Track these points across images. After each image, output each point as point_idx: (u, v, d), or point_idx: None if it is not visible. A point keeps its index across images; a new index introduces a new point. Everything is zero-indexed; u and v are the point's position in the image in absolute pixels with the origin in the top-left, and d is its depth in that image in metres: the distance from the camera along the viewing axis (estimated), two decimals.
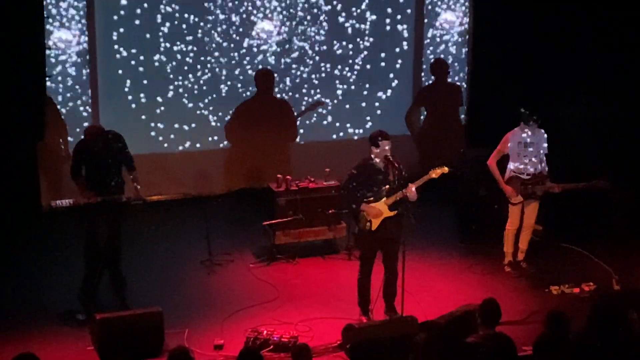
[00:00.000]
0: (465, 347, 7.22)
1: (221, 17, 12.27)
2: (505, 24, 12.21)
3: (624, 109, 12.11)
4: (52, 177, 11.82)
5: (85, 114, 11.93)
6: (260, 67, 12.49)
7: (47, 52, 11.22)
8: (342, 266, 10.55)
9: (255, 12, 12.38)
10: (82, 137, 9.42)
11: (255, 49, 12.46)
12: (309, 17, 12.58)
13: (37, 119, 11.24)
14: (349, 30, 12.75)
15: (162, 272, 10.34)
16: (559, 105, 12.36)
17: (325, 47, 12.71)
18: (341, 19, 12.69)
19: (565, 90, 12.42)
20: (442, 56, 13.14)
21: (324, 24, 12.64)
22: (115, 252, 9.62)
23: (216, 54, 12.33)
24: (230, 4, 12.25)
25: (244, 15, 12.35)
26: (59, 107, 11.79)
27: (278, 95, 12.66)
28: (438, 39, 13.15)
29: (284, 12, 12.47)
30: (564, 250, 10.96)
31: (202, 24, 12.21)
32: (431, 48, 13.16)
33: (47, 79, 11.31)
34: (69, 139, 11.79)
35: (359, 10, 12.74)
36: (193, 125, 12.42)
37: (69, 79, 11.84)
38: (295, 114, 12.74)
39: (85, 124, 11.58)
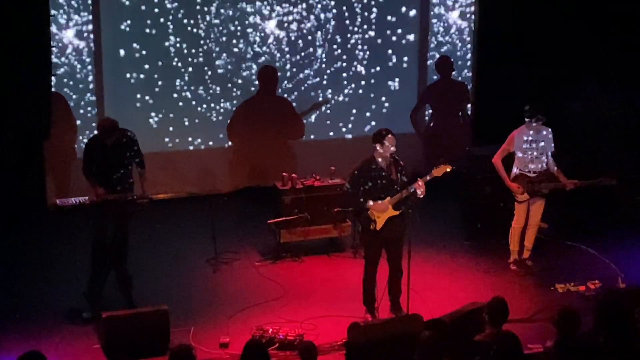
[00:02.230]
0: (472, 345, 7.23)
1: (228, 14, 12.27)
2: (511, 21, 12.20)
3: (631, 106, 12.09)
4: (58, 176, 11.83)
5: (90, 113, 11.95)
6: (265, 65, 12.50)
7: (53, 50, 11.21)
8: (347, 264, 10.56)
9: (261, 10, 12.37)
10: (95, 132, 9.44)
11: (260, 47, 12.45)
12: (313, 16, 12.58)
13: (43, 117, 11.26)
14: (354, 28, 12.74)
15: (168, 270, 10.35)
16: (565, 102, 12.36)
17: (330, 45, 12.70)
18: (346, 18, 12.68)
19: (571, 88, 12.41)
20: (446, 54, 13.11)
21: (329, 22, 12.63)
22: (122, 251, 9.64)
23: (222, 51, 12.33)
24: (236, 1, 12.24)
25: (250, 13, 12.34)
26: None
27: (283, 94, 12.64)
28: (443, 37, 13.13)
29: (289, 11, 12.46)
30: (570, 248, 10.95)
31: (208, 21, 12.20)
32: (436, 46, 13.13)
33: (52, 77, 11.31)
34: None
35: (364, 8, 12.73)
36: (199, 123, 12.42)
37: (74, 78, 11.85)
38: (301, 112, 12.73)
39: (93, 124, 11.64)
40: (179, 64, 12.20)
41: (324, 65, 12.74)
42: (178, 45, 12.14)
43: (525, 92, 11.48)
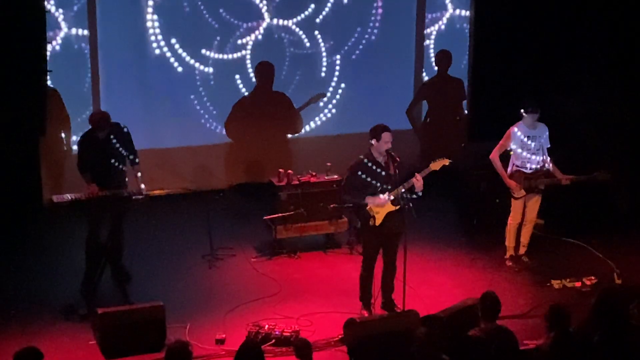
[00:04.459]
0: (467, 340, 7.24)
1: (224, 9, 12.24)
2: (508, 16, 12.18)
3: (626, 102, 12.09)
4: (54, 172, 11.82)
5: (86, 108, 11.93)
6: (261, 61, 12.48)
7: (48, 45, 11.17)
8: (343, 260, 10.56)
9: (259, 6, 12.35)
10: (89, 127, 9.45)
11: (258, 43, 12.43)
12: (311, 12, 12.56)
13: (38, 113, 11.22)
14: (351, 24, 12.74)
15: (164, 266, 10.35)
16: (561, 98, 12.35)
17: (327, 42, 12.69)
18: (343, 14, 12.67)
19: (568, 84, 12.40)
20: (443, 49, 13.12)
21: (327, 18, 12.62)
22: (118, 247, 9.64)
23: (220, 48, 12.31)
24: None
25: (248, 9, 12.32)
26: None
27: (280, 90, 12.63)
28: (439, 33, 13.13)
29: (288, 8, 12.45)
30: (566, 244, 10.96)
31: (205, 16, 12.18)
32: (433, 41, 13.13)
33: (47, 73, 11.27)
34: (73, 138, 11.80)
35: (361, 4, 12.72)
36: (195, 120, 12.41)
37: (70, 74, 11.83)
38: (298, 107, 12.72)
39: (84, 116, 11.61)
40: (176, 60, 12.18)
41: (321, 62, 12.72)
42: (174, 40, 12.12)
43: (522, 88, 11.48)
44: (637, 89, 12.28)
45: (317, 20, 12.61)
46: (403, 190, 8.84)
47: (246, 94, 12.51)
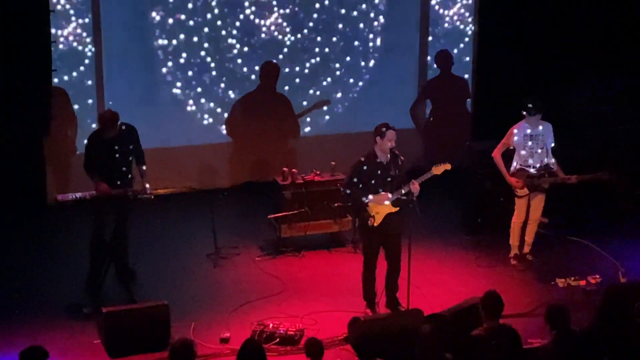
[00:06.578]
0: (470, 339, 7.24)
1: (229, 10, 12.25)
2: (511, 15, 12.19)
3: (630, 101, 12.09)
4: (58, 171, 11.83)
5: (90, 108, 11.94)
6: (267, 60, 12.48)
7: (52, 45, 11.20)
8: (347, 259, 10.56)
9: (264, 6, 12.35)
10: (94, 126, 9.46)
11: (262, 43, 12.44)
12: (314, 11, 12.55)
13: (43, 112, 11.25)
14: (354, 23, 12.73)
15: (168, 265, 10.35)
16: (564, 96, 12.35)
17: (329, 41, 12.69)
18: (346, 14, 12.67)
19: (570, 82, 12.40)
20: (446, 48, 13.11)
21: (329, 17, 12.62)
22: (122, 246, 9.64)
23: (223, 46, 12.31)
24: None
25: (253, 9, 12.32)
26: None
27: (285, 88, 12.63)
28: (443, 31, 13.12)
29: (290, 7, 12.45)
30: (570, 242, 10.95)
31: (209, 15, 12.18)
32: (436, 40, 13.13)
33: (52, 72, 11.29)
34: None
35: (364, 4, 12.72)
36: (199, 118, 12.42)
37: (74, 73, 11.84)
38: (301, 111, 12.70)
39: (93, 119, 11.63)
40: (179, 60, 12.18)
41: (323, 60, 12.72)
42: (178, 41, 12.12)
43: (525, 86, 11.47)
44: None
45: (322, 18, 12.60)
46: (403, 192, 8.84)
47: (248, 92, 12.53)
